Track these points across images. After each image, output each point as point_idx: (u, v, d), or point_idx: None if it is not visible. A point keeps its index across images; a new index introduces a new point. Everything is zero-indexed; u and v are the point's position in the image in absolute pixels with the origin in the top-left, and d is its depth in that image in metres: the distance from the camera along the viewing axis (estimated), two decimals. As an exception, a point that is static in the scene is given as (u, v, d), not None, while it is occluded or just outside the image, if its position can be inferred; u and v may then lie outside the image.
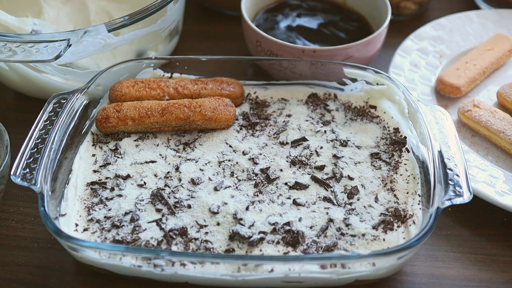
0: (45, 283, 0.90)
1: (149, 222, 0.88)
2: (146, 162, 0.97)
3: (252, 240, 0.84)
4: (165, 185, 0.93)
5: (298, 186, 0.93)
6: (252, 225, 0.87)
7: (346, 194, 0.92)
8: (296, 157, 0.98)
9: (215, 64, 1.09)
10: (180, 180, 0.94)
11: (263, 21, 1.23)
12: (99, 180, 0.94)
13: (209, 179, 0.94)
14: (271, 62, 1.10)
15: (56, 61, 1.01)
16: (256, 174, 0.95)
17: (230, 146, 0.99)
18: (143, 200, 0.91)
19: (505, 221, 0.98)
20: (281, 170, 0.96)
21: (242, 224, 0.87)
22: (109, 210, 0.90)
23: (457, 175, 0.87)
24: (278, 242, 0.85)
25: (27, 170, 0.87)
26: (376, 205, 0.91)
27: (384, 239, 0.86)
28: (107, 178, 0.95)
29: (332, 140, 1.01)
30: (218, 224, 0.88)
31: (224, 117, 1.00)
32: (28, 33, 1.11)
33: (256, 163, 0.97)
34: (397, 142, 0.99)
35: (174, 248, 0.85)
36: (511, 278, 0.91)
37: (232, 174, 0.95)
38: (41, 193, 0.85)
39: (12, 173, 0.86)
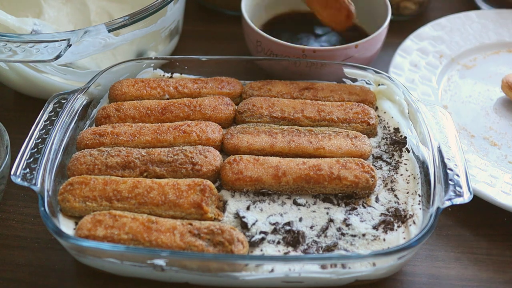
0: (45, 283, 0.90)
1: (149, 222, 0.88)
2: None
3: (253, 241, 0.84)
4: (165, 185, 0.93)
5: (298, 186, 0.93)
6: (253, 224, 0.87)
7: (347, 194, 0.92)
8: (296, 157, 0.98)
9: (215, 64, 1.09)
10: (180, 180, 0.94)
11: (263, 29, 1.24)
12: (99, 180, 0.94)
13: (210, 179, 0.94)
14: (271, 62, 1.10)
15: (56, 61, 1.01)
16: (257, 174, 0.95)
17: (230, 146, 0.99)
18: (143, 200, 0.91)
19: (505, 221, 0.98)
20: (281, 170, 0.96)
21: (243, 223, 0.87)
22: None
23: (457, 175, 0.87)
24: (278, 242, 0.85)
25: (27, 170, 0.87)
26: (376, 205, 0.90)
27: (384, 239, 0.86)
28: (107, 178, 0.95)
29: (332, 140, 1.00)
30: (218, 224, 0.88)
31: (224, 116, 1.00)
32: (28, 33, 1.11)
33: (256, 163, 0.96)
34: (397, 142, 0.99)
35: (174, 248, 0.85)
36: (511, 278, 0.91)
37: (232, 174, 0.95)
38: (41, 193, 0.85)
39: (12, 173, 0.86)
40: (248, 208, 0.89)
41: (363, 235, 0.86)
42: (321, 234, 0.87)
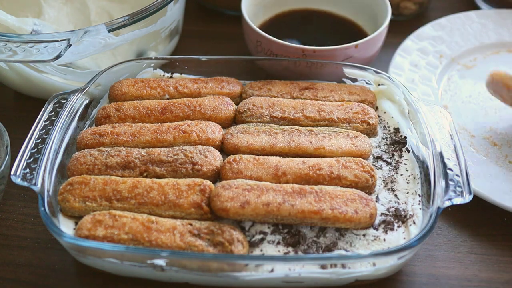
0: (45, 283, 0.90)
1: (149, 222, 0.88)
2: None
3: (253, 241, 0.84)
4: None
5: (298, 186, 0.93)
6: (253, 225, 0.87)
7: (346, 194, 0.92)
8: (296, 157, 0.98)
9: (215, 64, 1.09)
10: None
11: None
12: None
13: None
14: (271, 62, 1.10)
15: (56, 61, 1.01)
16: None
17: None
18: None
19: (505, 221, 0.98)
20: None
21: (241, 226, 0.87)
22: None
23: (457, 175, 0.87)
24: (278, 242, 0.85)
25: (27, 170, 0.87)
26: (376, 205, 0.90)
27: (384, 239, 0.86)
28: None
29: (332, 140, 1.00)
30: (218, 224, 0.88)
31: (224, 116, 1.00)
32: (28, 33, 1.11)
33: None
34: (397, 142, 0.99)
35: (174, 248, 0.85)
36: (511, 278, 0.91)
37: (232, 174, 0.95)
38: (41, 193, 0.85)
39: (12, 173, 0.86)
40: (248, 208, 0.89)
41: (363, 235, 0.86)
42: (320, 234, 0.86)
